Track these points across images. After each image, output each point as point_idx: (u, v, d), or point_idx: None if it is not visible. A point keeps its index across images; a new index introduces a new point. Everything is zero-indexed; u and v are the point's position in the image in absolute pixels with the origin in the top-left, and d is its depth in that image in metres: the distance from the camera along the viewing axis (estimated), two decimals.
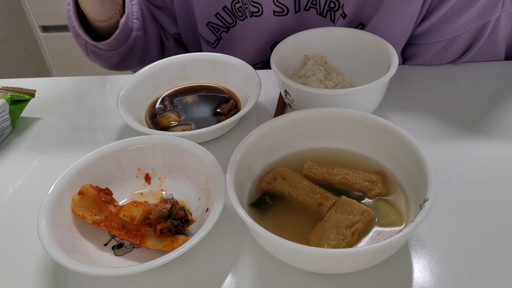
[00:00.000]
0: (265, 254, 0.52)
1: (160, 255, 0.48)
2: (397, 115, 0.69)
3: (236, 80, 0.75)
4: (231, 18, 0.86)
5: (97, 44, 0.84)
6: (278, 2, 0.80)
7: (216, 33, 0.89)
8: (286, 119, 0.58)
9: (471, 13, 0.70)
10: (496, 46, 0.76)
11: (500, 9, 0.69)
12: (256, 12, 0.82)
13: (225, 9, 0.85)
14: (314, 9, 0.80)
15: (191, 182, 0.59)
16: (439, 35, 0.74)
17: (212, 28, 0.89)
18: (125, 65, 0.92)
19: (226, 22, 0.87)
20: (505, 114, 0.68)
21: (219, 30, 0.89)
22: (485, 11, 0.69)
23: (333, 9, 0.79)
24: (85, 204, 0.55)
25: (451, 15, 0.71)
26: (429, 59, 0.78)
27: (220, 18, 0.87)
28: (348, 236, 0.48)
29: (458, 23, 0.71)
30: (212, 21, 0.88)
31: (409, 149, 0.52)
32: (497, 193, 0.56)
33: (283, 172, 0.55)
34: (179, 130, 0.68)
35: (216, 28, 0.89)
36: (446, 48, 0.75)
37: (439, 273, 0.49)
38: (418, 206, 0.47)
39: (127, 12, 0.83)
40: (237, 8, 0.84)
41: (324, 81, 0.69)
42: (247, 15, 0.84)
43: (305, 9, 0.81)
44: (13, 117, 0.73)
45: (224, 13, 0.86)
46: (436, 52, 0.76)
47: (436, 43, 0.75)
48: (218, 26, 0.88)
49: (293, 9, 0.81)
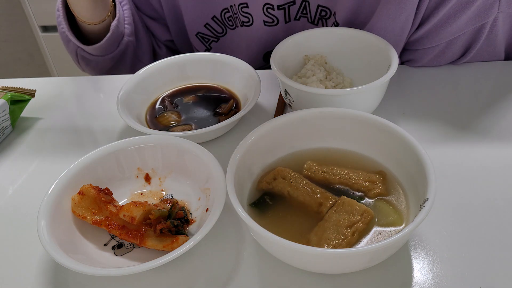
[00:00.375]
0: (265, 254, 0.52)
1: (160, 255, 0.48)
2: (397, 115, 0.69)
3: (236, 80, 0.75)
4: (220, 28, 0.86)
5: (87, 49, 0.82)
6: (268, 13, 0.80)
7: (206, 43, 0.89)
8: (286, 119, 0.58)
9: (467, 16, 0.69)
10: (495, 47, 0.76)
11: (497, 11, 0.69)
12: (246, 22, 0.82)
13: (215, 18, 0.85)
14: (304, 18, 0.80)
15: (191, 182, 0.59)
16: (436, 40, 0.73)
17: (202, 38, 0.88)
18: (116, 72, 0.90)
19: (216, 32, 0.87)
20: (505, 114, 0.68)
21: (209, 40, 0.89)
22: (481, 13, 0.69)
23: (325, 17, 0.79)
24: (85, 204, 0.55)
25: (447, 19, 0.71)
26: (427, 62, 0.78)
27: (210, 28, 0.86)
28: (348, 236, 0.48)
29: (455, 26, 0.71)
30: (202, 32, 0.87)
31: (409, 149, 0.52)
32: (497, 193, 0.56)
33: (283, 172, 0.55)
34: (179, 130, 0.68)
35: (206, 39, 0.88)
36: (444, 51, 0.75)
37: (439, 273, 0.49)
38: (418, 206, 0.47)
39: (118, 15, 0.82)
40: (227, 18, 0.84)
41: (324, 81, 0.69)
42: (238, 24, 0.84)
43: (296, 19, 0.81)
44: (13, 117, 0.73)
45: (213, 23, 0.86)
46: (435, 56, 0.76)
47: (433, 47, 0.75)
48: (207, 36, 0.88)
49: (283, 20, 0.81)
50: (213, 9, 0.84)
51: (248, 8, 0.80)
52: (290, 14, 0.80)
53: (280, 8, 0.79)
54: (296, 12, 0.80)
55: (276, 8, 0.79)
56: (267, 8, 0.79)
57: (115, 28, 0.81)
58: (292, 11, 0.80)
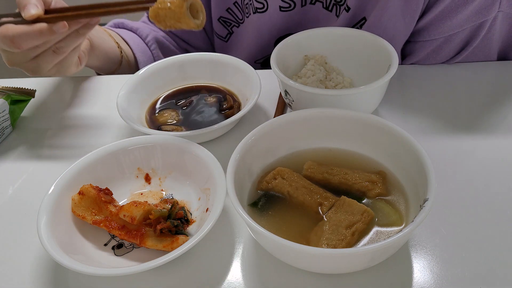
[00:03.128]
0: (265, 254, 0.52)
1: (160, 255, 0.48)
2: (397, 115, 0.69)
3: (236, 80, 0.75)
4: (241, 14, 0.87)
5: None
6: None
7: (228, 27, 0.90)
8: (286, 119, 0.58)
9: (468, 11, 0.70)
10: (491, 47, 0.76)
11: (497, 9, 0.70)
12: (260, 8, 0.83)
13: (236, 4, 0.86)
14: (320, 3, 0.81)
15: (191, 182, 0.59)
16: (435, 33, 0.74)
17: (224, 22, 0.89)
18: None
19: (237, 17, 0.88)
20: (505, 113, 0.68)
21: (231, 25, 0.89)
22: (482, 10, 0.70)
23: (339, 3, 0.79)
24: (85, 204, 0.55)
25: (449, 12, 0.71)
26: (424, 57, 0.78)
27: (232, 13, 0.87)
28: (348, 236, 0.48)
29: (455, 21, 0.71)
30: (224, 16, 0.88)
31: (409, 149, 0.52)
32: (497, 193, 0.56)
33: (283, 172, 0.55)
34: (169, 130, 0.68)
35: (228, 23, 0.89)
36: (442, 47, 0.75)
37: (439, 273, 0.49)
38: (418, 206, 0.47)
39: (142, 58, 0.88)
40: (245, 4, 0.85)
41: (324, 81, 0.69)
42: (251, 11, 0.84)
43: (311, 3, 0.81)
44: (13, 117, 0.73)
45: (235, 8, 0.87)
46: (432, 50, 0.76)
47: (432, 41, 0.75)
48: (229, 20, 0.89)
49: (299, 3, 0.81)
50: None
51: None
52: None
53: None
54: None
55: None
56: None
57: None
58: None
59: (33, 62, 0.64)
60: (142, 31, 0.91)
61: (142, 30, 0.91)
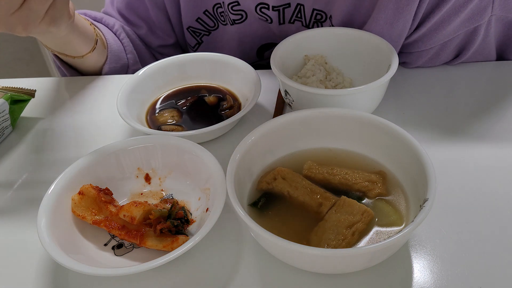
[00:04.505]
0: (265, 254, 0.52)
1: (160, 255, 0.48)
2: (397, 115, 0.69)
3: (236, 80, 0.75)
4: (212, 22, 0.86)
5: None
6: (262, 12, 0.80)
7: (197, 37, 0.89)
8: (286, 119, 0.58)
9: (460, 19, 0.69)
10: (489, 49, 0.76)
11: (490, 13, 0.69)
12: (238, 20, 0.82)
13: (207, 13, 0.85)
14: (299, 22, 0.80)
15: (191, 182, 0.59)
16: (430, 43, 0.73)
17: (193, 32, 0.88)
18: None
19: (208, 26, 0.87)
20: (505, 113, 0.68)
21: (200, 34, 0.89)
22: (475, 16, 0.69)
23: (320, 21, 0.78)
24: (85, 204, 0.55)
25: (441, 22, 0.70)
26: (422, 64, 0.78)
27: (201, 22, 0.87)
28: (348, 236, 0.48)
29: (448, 29, 0.71)
30: (193, 26, 0.87)
31: (409, 149, 0.52)
32: (497, 193, 0.56)
33: (283, 172, 0.55)
34: (178, 130, 0.68)
35: (197, 32, 0.88)
36: (439, 53, 0.75)
37: (439, 273, 0.49)
38: (418, 206, 0.47)
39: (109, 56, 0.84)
40: (219, 13, 0.84)
41: (324, 81, 0.69)
42: (228, 22, 0.84)
43: (290, 22, 0.80)
44: (13, 117, 0.73)
45: (205, 17, 0.86)
46: (429, 58, 0.76)
47: (428, 50, 0.75)
48: (198, 30, 0.88)
49: (277, 21, 0.81)
50: (206, 4, 0.84)
51: (240, 6, 0.80)
52: (285, 16, 0.80)
53: (275, 9, 0.79)
54: (290, 15, 0.79)
55: (271, 8, 0.79)
56: (261, 8, 0.79)
57: (112, 70, 0.85)
58: (287, 14, 0.79)
59: (21, 12, 0.58)
60: (108, 20, 0.88)
61: (106, 19, 0.88)
